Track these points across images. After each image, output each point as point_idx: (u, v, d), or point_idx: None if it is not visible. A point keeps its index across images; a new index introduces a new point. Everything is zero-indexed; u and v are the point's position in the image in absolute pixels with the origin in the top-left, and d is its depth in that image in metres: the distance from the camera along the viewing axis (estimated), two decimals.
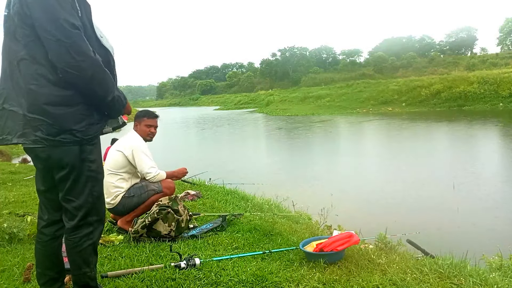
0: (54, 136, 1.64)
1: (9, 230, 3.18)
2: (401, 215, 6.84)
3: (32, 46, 1.61)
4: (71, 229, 1.80)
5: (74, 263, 1.86)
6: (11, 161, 12.82)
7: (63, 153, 1.69)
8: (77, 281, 1.89)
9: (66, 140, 1.66)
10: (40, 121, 1.63)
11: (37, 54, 1.61)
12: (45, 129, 1.63)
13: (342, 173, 10.96)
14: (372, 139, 18.92)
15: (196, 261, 2.59)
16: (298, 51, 77.91)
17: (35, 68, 1.62)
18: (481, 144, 15.09)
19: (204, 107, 67.85)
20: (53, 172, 1.77)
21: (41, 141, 1.64)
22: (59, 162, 1.71)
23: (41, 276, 1.94)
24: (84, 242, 1.82)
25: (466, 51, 63.82)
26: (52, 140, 1.65)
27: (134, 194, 3.50)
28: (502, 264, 3.14)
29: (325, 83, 52.75)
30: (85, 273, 1.87)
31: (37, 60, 1.62)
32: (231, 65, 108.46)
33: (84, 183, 1.78)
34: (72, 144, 1.69)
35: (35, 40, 1.60)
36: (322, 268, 2.59)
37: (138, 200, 3.50)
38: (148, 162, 3.50)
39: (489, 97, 30.58)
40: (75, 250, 1.82)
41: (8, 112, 1.71)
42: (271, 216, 4.13)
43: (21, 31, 1.62)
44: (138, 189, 3.53)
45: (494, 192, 8.01)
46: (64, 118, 1.65)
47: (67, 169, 1.72)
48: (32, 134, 1.64)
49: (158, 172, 3.57)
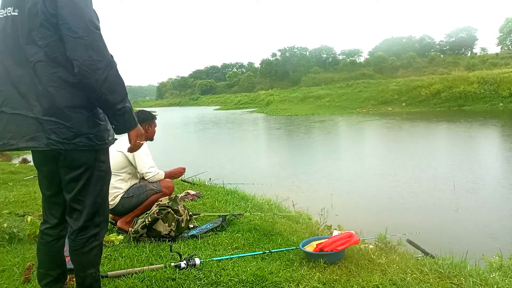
0: (70, 139, 1.64)
1: (9, 230, 3.17)
2: (401, 215, 6.84)
3: (53, 47, 1.60)
4: (78, 230, 1.78)
5: (79, 264, 1.83)
6: (11, 161, 12.82)
7: (78, 155, 1.69)
8: (82, 282, 1.86)
9: (81, 144, 1.66)
10: (56, 124, 1.61)
11: (58, 55, 1.61)
12: (62, 132, 1.62)
13: (342, 173, 10.97)
14: (372, 139, 18.93)
15: (196, 261, 2.58)
16: (298, 51, 77.96)
17: (55, 70, 1.61)
18: (481, 144, 15.10)
19: (204, 107, 67.85)
20: (63, 173, 1.75)
21: (56, 144, 1.62)
22: (73, 164, 1.71)
23: (43, 277, 1.91)
24: (91, 243, 1.80)
25: (466, 51, 63.87)
26: (68, 144, 1.64)
27: (133, 194, 3.50)
28: (502, 264, 3.14)
29: (325, 83, 52.74)
30: (90, 274, 1.84)
31: (58, 61, 1.61)
32: (231, 65, 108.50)
33: (95, 184, 1.78)
34: (87, 148, 1.69)
35: (57, 40, 1.59)
36: (322, 268, 2.59)
37: (137, 200, 3.51)
38: (148, 162, 3.51)
39: (489, 97, 30.60)
40: (81, 251, 1.79)
41: (8, 115, 1.67)
42: (271, 216, 4.13)
43: (42, 31, 1.59)
44: (137, 189, 3.54)
45: (494, 192, 8.01)
46: (81, 122, 1.66)
47: (80, 170, 1.72)
48: (45, 137, 1.61)
49: (158, 172, 3.58)
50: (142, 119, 3.58)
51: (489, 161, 11.35)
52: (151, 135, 3.69)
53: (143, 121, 3.56)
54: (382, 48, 66.49)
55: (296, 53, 77.42)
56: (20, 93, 1.65)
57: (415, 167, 10.74)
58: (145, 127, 3.55)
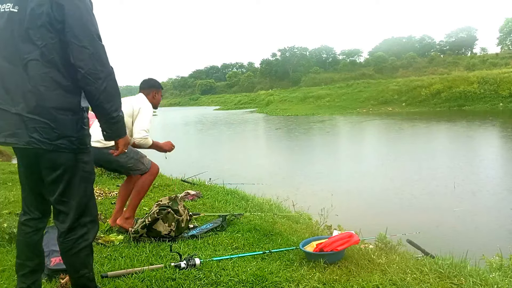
0: (53, 140, 1.66)
1: (9, 230, 3.17)
2: (401, 215, 6.84)
3: (51, 48, 1.63)
4: (66, 232, 1.79)
5: (71, 265, 1.85)
6: (11, 161, 12.82)
7: (58, 156, 1.71)
8: (76, 283, 1.88)
9: (63, 146, 1.69)
10: (40, 123, 1.63)
11: (55, 57, 1.64)
12: (45, 132, 1.64)
13: (342, 173, 10.96)
14: (372, 139, 18.93)
15: (196, 261, 2.59)
16: (298, 51, 77.90)
17: (48, 70, 1.64)
18: (482, 144, 15.10)
19: (204, 107, 67.79)
20: (45, 175, 1.76)
21: (37, 143, 1.64)
22: (53, 164, 1.72)
23: (20, 267, 1.91)
24: (80, 244, 1.81)
25: (466, 51, 63.85)
26: (50, 144, 1.66)
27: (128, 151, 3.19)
28: (502, 264, 3.14)
29: (325, 83, 52.75)
30: (83, 274, 1.86)
31: (53, 63, 1.64)
32: (231, 65, 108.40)
33: (78, 185, 1.79)
34: (68, 151, 1.72)
35: (57, 43, 1.63)
36: (322, 268, 2.59)
37: (126, 160, 3.36)
38: (147, 124, 3.43)
39: (489, 97, 30.62)
40: (70, 252, 1.81)
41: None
42: (271, 216, 4.13)
43: (42, 31, 1.61)
44: (133, 152, 3.44)
45: (494, 192, 8.01)
46: (67, 124, 1.69)
47: (59, 171, 1.73)
48: (27, 135, 1.63)
49: (148, 136, 3.43)
50: (152, 84, 3.77)
51: (489, 161, 11.35)
52: (156, 102, 3.80)
53: (152, 87, 3.76)
54: (382, 48, 66.47)
55: (296, 53, 77.36)
56: (5, 87, 1.67)
57: (415, 167, 10.74)
58: (152, 93, 3.72)
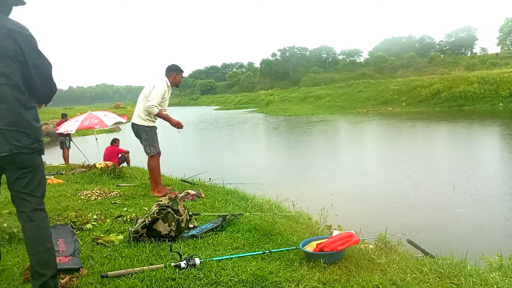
0: (29, 144, 2.07)
1: (9, 230, 3.17)
2: (401, 215, 6.85)
3: (15, 75, 2.02)
4: (33, 212, 2.13)
5: (38, 240, 2.10)
6: None
7: (31, 158, 2.11)
8: (39, 259, 2.08)
9: (37, 148, 2.12)
10: (18, 133, 2.02)
11: (18, 81, 2.03)
12: (23, 139, 2.04)
13: (342, 173, 10.97)
14: (372, 139, 18.93)
15: (196, 261, 2.59)
16: (298, 51, 77.96)
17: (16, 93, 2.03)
18: (481, 144, 15.10)
19: (204, 107, 67.86)
20: (11, 173, 2.09)
21: (18, 149, 2.03)
22: (25, 164, 2.10)
23: None
24: (45, 219, 2.17)
25: (466, 51, 63.90)
26: (28, 148, 2.07)
27: (149, 135, 4.95)
28: (502, 264, 3.14)
29: (325, 83, 52.79)
30: (48, 248, 2.10)
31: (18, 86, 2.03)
32: (231, 65, 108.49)
33: (40, 177, 2.19)
34: (38, 152, 2.15)
35: (18, 70, 2.03)
36: (322, 268, 2.59)
37: (145, 139, 4.96)
38: (157, 98, 4.80)
39: (489, 97, 30.62)
40: (39, 227, 2.11)
41: None
42: (271, 216, 4.13)
43: (6, 61, 1.99)
44: (151, 138, 4.95)
45: (493, 192, 8.01)
46: (38, 131, 2.14)
47: (29, 169, 2.11)
48: (7, 143, 1.99)
49: (156, 106, 4.80)
50: (172, 68, 5.00)
51: (489, 161, 11.35)
52: (177, 82, 5.11)
53: (172, 70, 5.00)
54: (382, 48, 66.54)
55: (296, 53, 77.42)
56: None
57: (415, 167, 10.74)
58: (173, 75, 5.01)
